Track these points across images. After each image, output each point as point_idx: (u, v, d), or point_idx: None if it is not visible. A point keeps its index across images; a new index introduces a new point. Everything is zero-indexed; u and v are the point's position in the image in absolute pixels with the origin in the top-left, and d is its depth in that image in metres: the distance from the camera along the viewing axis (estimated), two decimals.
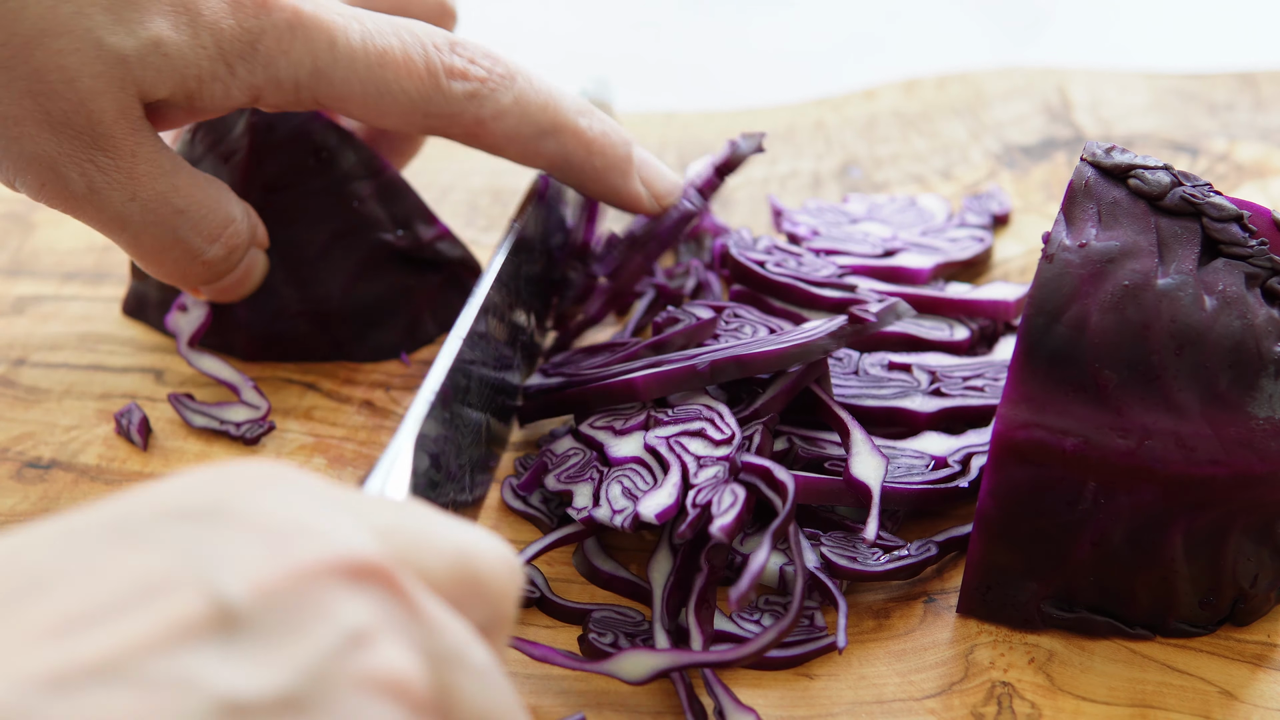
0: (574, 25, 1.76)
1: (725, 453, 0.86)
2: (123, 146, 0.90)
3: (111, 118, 0.88)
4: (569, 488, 0.90)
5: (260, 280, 1.04)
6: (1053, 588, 0.85)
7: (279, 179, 1.05)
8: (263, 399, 1.04)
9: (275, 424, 1.03)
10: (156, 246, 0.94)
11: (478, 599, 0.58)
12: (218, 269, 0.98)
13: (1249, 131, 1.29)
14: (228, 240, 0.96)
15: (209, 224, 0.95)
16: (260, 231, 1.01)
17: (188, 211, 0.93)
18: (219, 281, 0.99)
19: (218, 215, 0.95)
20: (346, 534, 0.53)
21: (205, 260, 0.96)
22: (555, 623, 0.89)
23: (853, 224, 1.16)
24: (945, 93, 1.37)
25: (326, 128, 1.06)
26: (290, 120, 1.06)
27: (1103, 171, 0.87)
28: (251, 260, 1.01)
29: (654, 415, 0.90)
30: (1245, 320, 0.81)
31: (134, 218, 0.92)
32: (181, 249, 0.95)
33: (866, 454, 0.89)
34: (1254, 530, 0.83)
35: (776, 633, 0.80)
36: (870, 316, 0.90)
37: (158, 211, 0.92)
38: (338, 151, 1.06)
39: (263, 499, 0.53)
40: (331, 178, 1.06)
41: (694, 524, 0.83)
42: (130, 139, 0.90)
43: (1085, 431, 0.81)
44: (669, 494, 0.85)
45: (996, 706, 0.83)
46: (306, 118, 1.06)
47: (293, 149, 1.05)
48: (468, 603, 0.58)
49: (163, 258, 0.95)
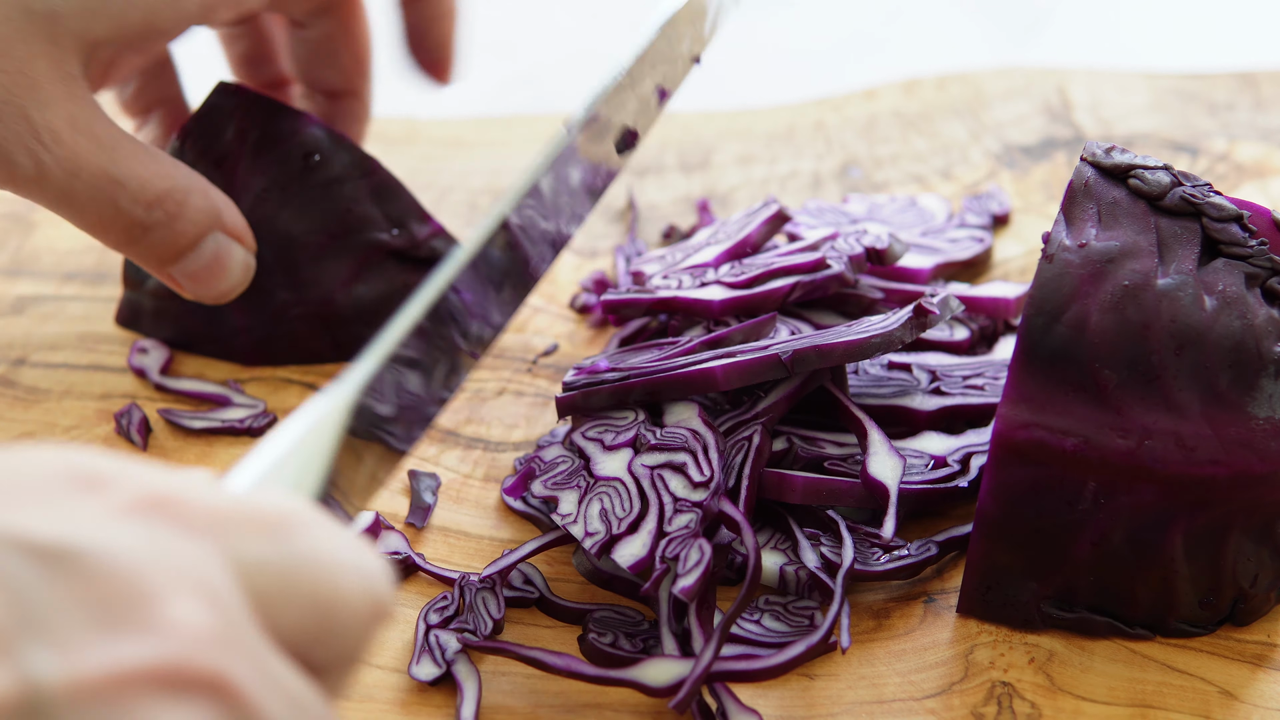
0: (574, 25, 1.76)
1: (701, 497, 0.86)
2: (61, 115, 0.90)
3: (50, 81, 0.88)
4: (555, 494, 0.90)
5: (244, 278, 1.03)
6: (1053, 588, 0.85)
7: (271, 182, 1.05)
8: (254, 399, 1.05)
9: (276, 416, 1.03)
10: (101, 221, 0.94)
11: (332, 639, 0.54)
12: (170, 241, 0.97)
13: (1249, 131, 1.29)
14: (168, 208, 0.96)
15: (147, 193, 0.95)
16: (231, 217, 1.01)
17: (126, 182, 0.93)
18: (182, 262, 0.99)
19: (157, 185, 0.95)
20: (186, 621, 0.48)
21: (148, 227, 0.96)
22: (555, 623, 0.89)
23: (852, 224, 1.16)
24: (945, 93, 1.37)
25: (318, 130, 1.06)
26: (281, 124, 1.06)
27: (1102, 171, 0.87)
28: (222, 249, 1.00)
29: (644, 434, 0.90)
30: (1245, 320, 0.81)
31: (79, 194, 0.92)
32: (125, 220, 0.95)
33: (884, 454, 0.90)
34: (1254, 530, 0.83)
35: (805, 647, 0.81)
36: (935, 309, 0.91)
37: (98, 184, 0.92)
38: (329, 153, 1.06)
39: (119, 538, 0.49)
40: (324, 179, 1.06)
41: (657, 582, 0.83)
42: (68, 106, 0.90)
43: (1085, 431, 0.81)
44: (643, 543, 0.85)
45: (996, 706, 0.83)
46: (297, 121, 1.06)
47: (283, 152, 1.05)
48: (321, 641, 0.54)
49: (110, 230, 0.95)
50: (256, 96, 1.07)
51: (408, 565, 0.92)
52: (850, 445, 0.94)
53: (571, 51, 1.70)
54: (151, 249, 0.98)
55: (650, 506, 0.86)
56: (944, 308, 0.92)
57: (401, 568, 0.92)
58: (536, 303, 1.15)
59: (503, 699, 0.84)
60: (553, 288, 1.16)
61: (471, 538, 0.95)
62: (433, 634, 0.87)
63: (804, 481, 0.90)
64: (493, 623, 0.87)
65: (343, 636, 0.55)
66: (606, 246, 1.20)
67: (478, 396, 1.06)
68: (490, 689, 0.84)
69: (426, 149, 1.30)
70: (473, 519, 0.96)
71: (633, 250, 1.18)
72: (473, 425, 1.04)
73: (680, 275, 1.04)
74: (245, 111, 1.07)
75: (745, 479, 0.89)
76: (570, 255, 1.19)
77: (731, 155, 1.30)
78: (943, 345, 1.04)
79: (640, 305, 1.02)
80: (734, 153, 1.31)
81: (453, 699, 0.84)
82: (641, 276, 1.07)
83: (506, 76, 1.66)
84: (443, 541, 0.95)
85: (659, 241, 1.21)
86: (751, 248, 1.07)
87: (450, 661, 0.85)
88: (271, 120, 1.06)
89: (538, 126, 1.34)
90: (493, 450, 1.01)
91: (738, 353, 0.92)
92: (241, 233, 1.02)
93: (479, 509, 0.97)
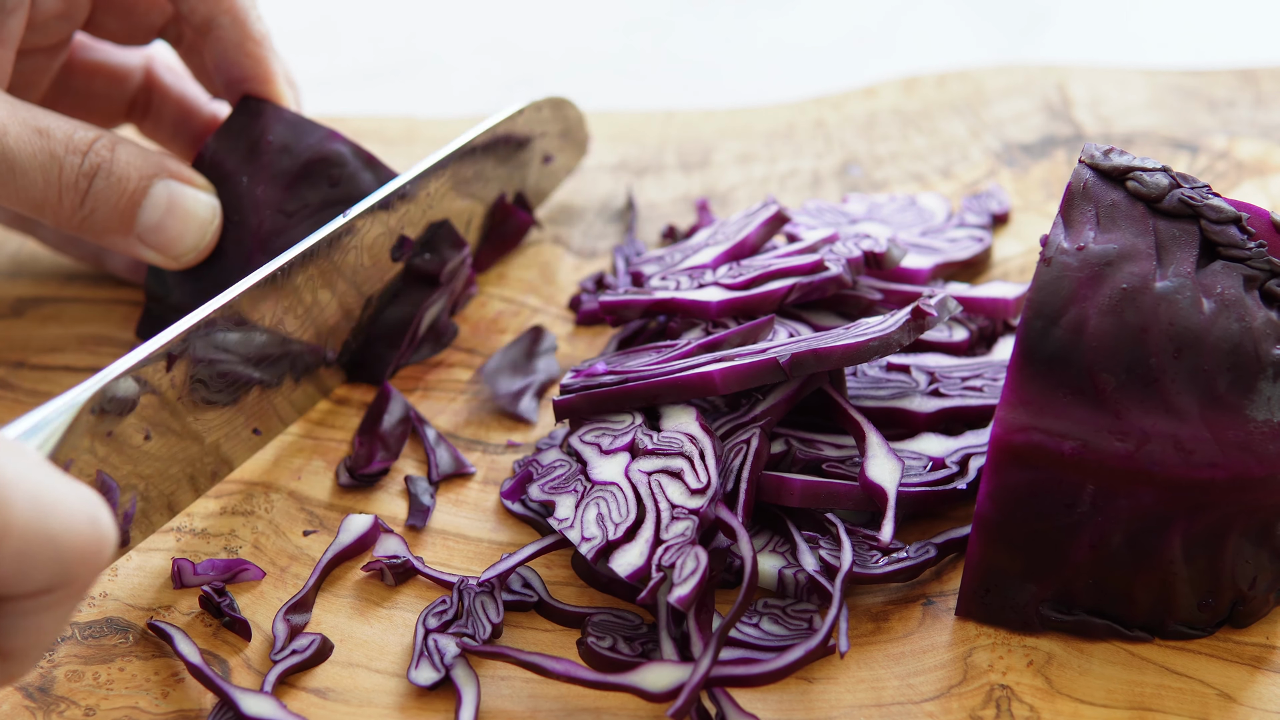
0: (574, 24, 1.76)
1: (699, 504, 0.86)
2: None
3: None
4: (552, 498, 0.90)
5: (212, 221, 1.03)
6: (1051, 590, 0.85)
7: (293, 197, 1.04)
8: None
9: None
10: (45, 176, 0.97)
11: (50, 558, 0.64)
12: (116, 191, 0.99)
13: (1249, 128, 1.29)
14: (101, 152, 0.98)
15: (76, 139, 0.98)
16: (175, 164, 1.01)
17: (53, 130, 0.97)
18: (140, 219, 1.00)
19: (83, 132, 0.98)
20: None
21: (89, 175, 0.98)
22: (554, 626, 0.89)
23: (852, 224, 1.16)
24: (945, 90, 1.37)
25: (342, 146, 1.05)
26: (305, 139, 1.05)
27: (1101, 174, 0.87)
28: (175, 194, 1.01)
29: (641, 438, 0.90)
30: (1243, 323, 0.81)
31: (13, 151, 0.95)
32: (67, 175, 0.97)
33: (882, 457, 0.89)
34: (1253, 532, 0.83)
35: (803, 652, 0.81)
36: (933, 311, 0.91)
37: (26, 135, 0.96)
38: (354, 170, 1.05)
39: None
40: (346, 196, 1.05)
41: (654, 590, 0.83)
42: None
43: (1084, 435, 0.81)
44: (640, 552, 0.85)
45: (995, 709, 0.83)
46: (322, 137, 1.05)
47: (307, 168, 1.05)
48: (39, 558, 0.64)
49: (53, 187, 0.97)
50: (279, 111, 1.06)
51: (407, 569, 0.92)
52: (849, 447, 0.94)
53: (572, 50, 1.70)
54: (102, 203, 0.99)
55: (647, 513, 0.86)
56: (942, 309, 0.92)
57: (401, 571, 0.92)
58: (536, 303, 1.15)
59: (502, 703, 0.84)
60: (552, 288, 1.16)
61: (470, 541, 0.95)
62: (431, 638, 0.87)
63: (802, 485, 0.90)
64: (491, 627, 0.87)
65: (60, 558, 0.65)
66: (606, 247, 1.20)
67: (476, 398, 1.06)
68: (489, 693, 0.85)
69: (426, 149, 1.30)
70: (471, 522, 0.96)
71: (632, 250, 1.18)
72: (471, 427, 1.04)
73: (679, 276, 1.03)
74: (268, 126, 1.06)
75: (744, 483, 0.88)
76: (570, 255, 1.19)
77: (731, 154, 1.30)
78: (942, 346, 1.04)
79: (638, 306, 1.02)
80: (733, 151, 1.31)
81: (452, 703, 0.84)
82: (640, 277, 1.07)
83: (506, 77, 1.66)
84: (441, 544, 0.95)
85: (658, 241, 1.20)
86: (750, 249, 1.07)
87: (449, 666, 0.85)
88: (297, 136, 1.05)
89: None
90: (492, 453, 1.02)
91: (736, 356, 0.92)
92: (190, 177, 1.02)
93: (478, 511, 0.97)
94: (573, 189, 1.26)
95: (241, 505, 0.97)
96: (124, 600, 0.91)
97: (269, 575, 0.93)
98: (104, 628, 0.89)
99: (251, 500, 0.98)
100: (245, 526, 0.96)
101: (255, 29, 1.06)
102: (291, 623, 0.88)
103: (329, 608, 0.91)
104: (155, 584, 0.92)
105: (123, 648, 0.88)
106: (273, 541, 0.95)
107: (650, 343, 1.03)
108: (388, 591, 0.92)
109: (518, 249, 1.20)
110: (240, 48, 1.06)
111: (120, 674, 0.86)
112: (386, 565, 0.92)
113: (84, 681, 0.86)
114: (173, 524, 0.96)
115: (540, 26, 1.75)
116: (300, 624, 0.89)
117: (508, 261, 1.19)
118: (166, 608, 0.90)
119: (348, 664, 0.87)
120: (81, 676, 0.86)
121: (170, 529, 0.95)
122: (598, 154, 1.30)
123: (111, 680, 0.86)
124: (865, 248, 1.02)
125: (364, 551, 0.94)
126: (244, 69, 1.06)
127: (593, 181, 1.27)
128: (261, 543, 0.95)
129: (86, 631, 0.89)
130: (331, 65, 1.65)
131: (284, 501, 0.98)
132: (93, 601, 0.90)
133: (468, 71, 1.67)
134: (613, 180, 1.27)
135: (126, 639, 0.89)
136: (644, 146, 1.31)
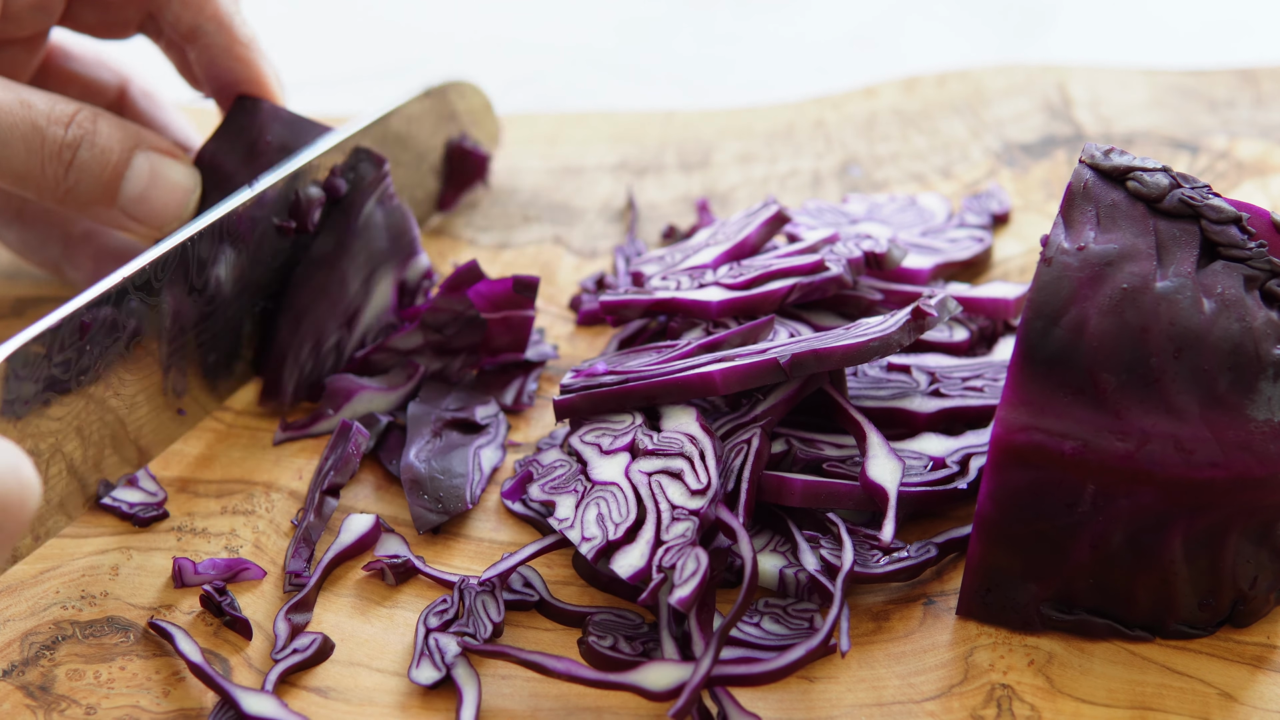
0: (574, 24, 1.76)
1: (699, 505, 0.86)
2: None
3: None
4: (552, 498, 0.90)
5: (193, 189, 1.03)
6: (1052, 590, 0.85)
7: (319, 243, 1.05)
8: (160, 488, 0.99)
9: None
10: (28, 147, 0.97)
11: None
12: (100, 163, 0.99)
13: (1249, 128, 1.29)
14: (84, 124, 0.99)
15: (58, 110, 0.98)
16: (154, 137, 1.02)
17: (35, 102, 0.97)
18: (123, 190, 1.00)
19: (65, 105, 0.99)
20: None
21: (73, 146, 0.98)
22: (555, 625, 0.89)
23: (852, 224, 1.16)
24: (945, 90, 1.37)
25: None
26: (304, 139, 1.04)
27: (1101, 174, 0.87)
28: (155, 164, 1.01)
29: (641, 438, 0.90)
30: (1244, 323, 0.81)
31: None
32: (51, 146, 0.98)
33: (883, 457, 0.90)
34: (1253, 532, 0.83)
35: (804, 651, 0.81)
36: (933, 311, 0.91)
37: (10, 106, 0.96)
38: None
39: None
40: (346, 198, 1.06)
41: (654, 591, 0.83)
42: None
43: (1084, 435, 0.81)
44: (641, 553, 0.85)
45: (996, 709, 0.83)
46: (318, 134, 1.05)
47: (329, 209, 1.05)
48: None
49: (37, 157, 0.98)
50: (277, 110, 1.06)
51: (408, 569, 0.92)
52: (849, 446, 0.94)
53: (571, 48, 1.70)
54: (86, 174, 0.99)
55: (647, 514, 0.86)
56: (941, 310, 0.92)
57: (402, 571, 0.92)
58: (537, 303, 1.14)
59: (502, 702, 0.84)
60: (552, 288, 1.16)
61: (471, 540, 0.95)
62: (432, 637, 0.87)
63: (803, 485, 0.90)
64: (492, 626, 0.87)
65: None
66: (606, 247, 1.20)
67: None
68: (490, 693, 0.85)
69: None
70: (472, 521, 0.97)
71: (632, 250, 1.18)
72: None
73: (679, 276, 1.04)
74: (266, 126, 1.06)
75: (744, 483, 0.89)
76: (570, 255, 1.19)
77: (731, 154, 1.30)
78: (942, 346, 1.04)
79: (639, 306, 1.02)
80: (734, 151, 1.31)
81: (453, 702, 0.84)
82: (641, 277, 1.07)
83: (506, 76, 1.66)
84: (442, 544, 0.95)
85: (659, 241, 1.21)
86: (751, 249, 1.07)
87: (450, 665, 0.85)
88: (295, 134, 1.05)
89: (538, 126, 1.34)
90: None
91: (736, 356, 0.92)
92: (169, 148, 1.03)
93: (479, 510, 0.97)
94: (573, 189, 1.26)
95: (242, 505, 0.97)
96: (125, 599, 0.91)
97: (269, 574, 0.93)
98: (105, 627, 0.89)
99: (252, 500, 0.98)
100: (246, 526, 0.96)
101: (242, 32, 1.06)
102: (292, 622, 0.88)
103: (330, 607, 0.91)
104: (156, 583, 0.92)
105: (124, 647, 0.88)
106: (273, 541, 0.95)
107: (651, 343, 1.03)
108: (389, 591, 0.92)
109: (518, 249, 1.20)
110: (229, 52, 1.06)
111: (121, 673, 0.86)
112: (387, 565, 0.92)
113: (85, 680, 0.86)
114: (173, 523, 0.96)
115: (540, 26, 1.75)
116: (301, 623, 0.89)
117: (509, 263, 1.19)
118: (167, 607, 0.90)
119: (349, 663, 0.87)
120: (82, 675, 0.86)
121: (171, 528, 0.95)
122: (598, 154, 1.30)
123: (112, 679, 0.86)
124: (866, 248, 1.02)
125: (365, 551, 0.94)
126: (234, 73, 1.06)
127: (593, 181, 1.27)
128: (262, 542, 0.95)
129: (87, 630, 0.89)
130: (332, 65, 1.65)
131: (285, 501, 0.98)
132: (94, 600, 0.90)
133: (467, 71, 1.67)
134: (613, 180, 1.27)
135: (127, 638, 0.89)
136: (644, 146, 1.31)
